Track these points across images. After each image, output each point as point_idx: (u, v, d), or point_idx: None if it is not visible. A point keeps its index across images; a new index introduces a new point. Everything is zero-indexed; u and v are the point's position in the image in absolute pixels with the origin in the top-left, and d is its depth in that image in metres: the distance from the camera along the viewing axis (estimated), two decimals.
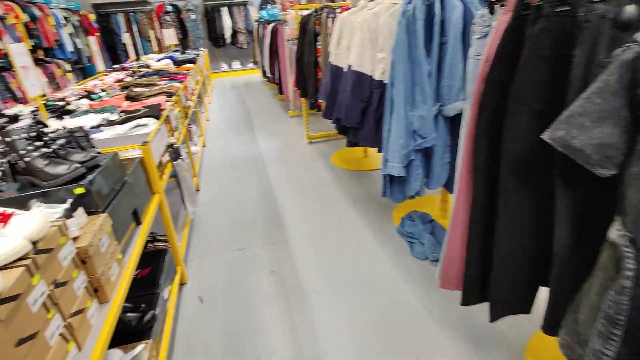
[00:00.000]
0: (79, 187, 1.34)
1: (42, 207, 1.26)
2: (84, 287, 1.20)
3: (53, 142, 1.44)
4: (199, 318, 2.13)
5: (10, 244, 0.93)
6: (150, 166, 2.04)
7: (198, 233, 2.97)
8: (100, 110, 2.80)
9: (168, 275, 2.14)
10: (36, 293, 0.96)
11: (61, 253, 1.11)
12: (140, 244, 1.67)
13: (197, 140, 4.74)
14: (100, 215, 1.39)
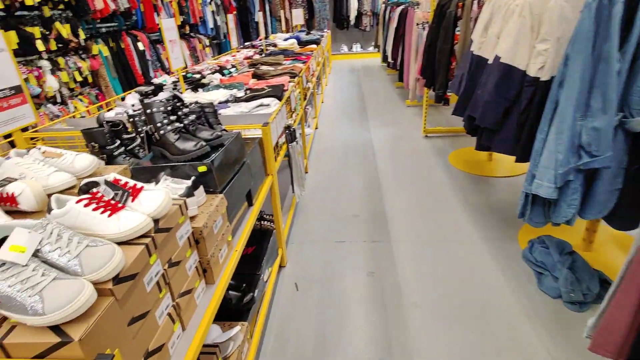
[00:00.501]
0: (202, 165, 1.35)
1: (169, 180, 1.29)
2: (194, 268, 1.21)
3: (185, 117, 1.48)
4: (293, 306, 2.10)
5: (137, 220, 0.93)
6: (268, 147, 2.03)
7: (301, 217, 2.97)
8: (229, 86, 2.93)
9: (270, 256, 2.14)
10: (152, 272, 0.96)
11: (179, 232, 1.11)
12: (249, 225, 1.67)
13: (310, 122, 4.77)
14: (217, 196, 1.38)
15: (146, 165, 1.40)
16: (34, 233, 0.78)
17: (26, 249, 0.75)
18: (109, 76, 5.05)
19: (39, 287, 0.71)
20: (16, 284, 0.70)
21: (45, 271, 0.74)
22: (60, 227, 0.82)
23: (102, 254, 0.80)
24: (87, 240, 0.82)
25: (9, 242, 0.74)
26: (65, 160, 1.27)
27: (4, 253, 0.72)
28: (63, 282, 0.73)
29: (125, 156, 1.56)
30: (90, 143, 1.50)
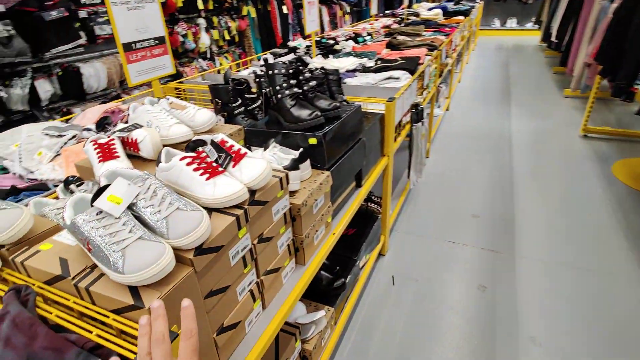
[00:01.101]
0: (313, 137, 1.24)
1: (277, 149, 1.21)
2: (286, 246, 1.13)
3: (306, 82, 1.38)
4: (384, 301, 1.94)
5: (232, 189, 0.86)
6: (389, 125, 1.83)
7: (411, 206, 2.73)
8: (360, 55, 2.76)
9: (371, 242, 2.00)
10: (239, 246, 0.90)
11: (275, 207, 1.03)
12: (354, 208, 1.53)
13: (442, 102, 4.34)
14: (323, 173, 1.27)
15: (259, 129, 1.36)
16: (132, 186, 0.76)
17: (122, 200, 0.74)
18: (252, 36, 5.35)
19: (124, 243, 0.69)
20: (105, 236, 0.69)
21: (133, 228, 0.71)
22: (158, 183, 0.80)
23: (189, 220, 0.75)
24: (178, 203, 0.77)
25: (109, 191, 0.74)
26: (187, 113, 1.29)
27: (102, 202, 0.72)
28: (146, 244, 0.69)
29: (245, 116, 1.55)
30: (215, 99, 1.52)
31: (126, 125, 1.16)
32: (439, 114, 3.96)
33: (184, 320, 0.50)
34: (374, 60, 2.58)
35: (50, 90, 3.15)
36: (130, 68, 1.35)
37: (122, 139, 1.12)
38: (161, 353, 0.47)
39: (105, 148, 1.06)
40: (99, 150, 1.06)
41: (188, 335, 0.48)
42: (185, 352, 0.48)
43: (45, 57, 3.07)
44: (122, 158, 1.05)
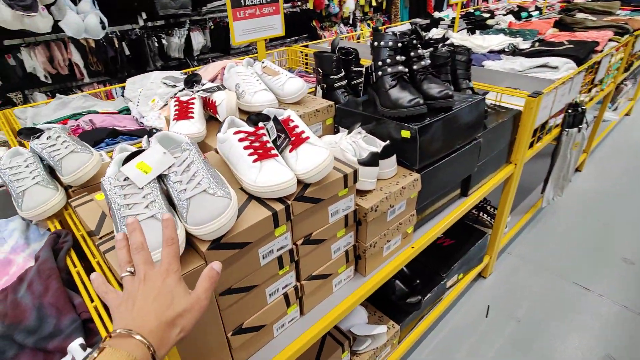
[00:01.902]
0: (407, 129, 1.01)
1: (361, 136, 1.03)
2: (343, 251, 0.96)
3: (417, 61, 1.12)
4: (470, 333, 1.63)
5: (276, 178, 0.73)
6: (525, 127, 1.44)
7: (538, 227, 2.22)
8: (515, 33, 2.25)
9: (469, 260, 1.68)
10: (274, 245, 0.77)
11: (334, 206, 0.86)
12: (450, 220, 1.26)
13: (620, 104, 3.38)
14: (411, 174, 1.04)
15: (349, 108, 1.18)
16: (168, 155, 0.69)
17: (151, 170, 0.67)
18: (401, 4, 4.99)
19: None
20: (123, 206, 0.64)
21: (151, 203, 0.64)
22: (196, 156, 0.71)
23: (211, 207, 0.64)
24: (207, 184, 0.67)
25: (140, 157, 0.68)
26: (278, 81, 1.19)
27: (129, 168, 0.66)
28: (156, 225, 0.62)
29: (345, 91, 1.38)
30: (317, 67, 1.38)
31: (212, 85, 1.11)
32: (612, 119, 3.10)
33: (164, 229, 0.50)
34: (531, 42, 2.07)
35: (202, 42, 3.47)
36: (236, 26, 1.30)
37: (204, 99, 1.09)
38: (142, 259, 0.47)
39: (184, 106, 1.03)
40: (178, 108, 1.04)
41: (169, 242, 0.49)
42: (167, 256, 0.48)
43: (202, 11, 3.36)
44: (195, 119, 1.01)
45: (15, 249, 0.85)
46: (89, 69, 2.89)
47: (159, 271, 0.47)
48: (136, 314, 0.42)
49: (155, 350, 0.40)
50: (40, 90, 2.80)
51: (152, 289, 0.45)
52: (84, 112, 1.47)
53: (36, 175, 0.86)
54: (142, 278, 0.46)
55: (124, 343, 0.39)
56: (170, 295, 0.45)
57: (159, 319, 0.42)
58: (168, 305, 0.44)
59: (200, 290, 0.48)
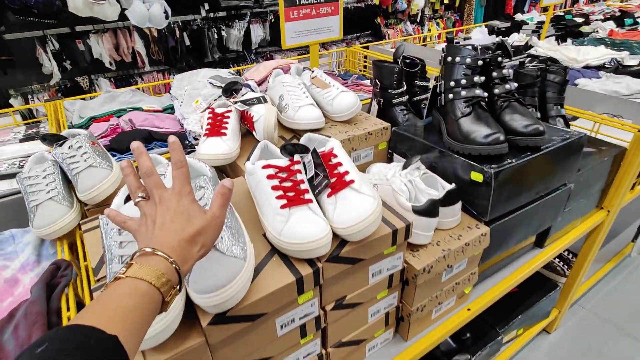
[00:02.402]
0: (479, 172, 0.80)
1: (418, 174, 0.84)
2: (383, 314, 0.79)
3: (501, 83, 0.90)
4: None
5: (307, 234, 0.58)
6: (628, 169, 1.15)
7: (620, 280, 1.87)
8: (618, 45, 1.90)
9: (533, 315, 1.43)
10: (297, 313, 0.63)
11: (376, 266, 0.70)
12: (518, 276, 1.04)
13: None
14: (479, 227, 0.83)
15: (408, 134, 0.99)
16: None
17: None
18: (476, 2, 4.58)
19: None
20: (115, 258, 0.52)
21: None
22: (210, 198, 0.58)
23: (219, 271, 0.51)
24: (220, 236, 0.54)
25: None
26: (327, 95, 1.03)
27: (129, 209, 0.54)
28: None
29: (405, 109, 1.18)
30: (375, 78, 1.20)
31: (252, 95, 0.98)
32: None
33: (172, 152, 0.48)
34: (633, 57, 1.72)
35: (261, 35, 3.40)
36: (288, 27, 1.16)
37: (241, 112, 0.96)
38: (153, 182, 0.46)
39: (217, 119, 0.91)
40: (210, 122, 0.92)
41: (179, 165, 0.48)
42: (178, 179, 0.47)
43: (264, 3, 3.28)
44: (228, 137, 0.88)
45: (25, 267, 0.78)
46: (150, 58, 2.93)
47: (173, 193, 0.46)
48: (157, 234, 0.43)
49: (179, 265, 0.41)
50: (105, 76, 2.88)
51: (168, 210, 0.45)
52: (128, 109, 1.42)
53: (52, 189, 0.78)
54: (157, 201, 0.46)
55: (148, 260, 0.40)
56: (187, 214, 0.45)
57: (179, 236, 0.43)
58: (186, 224, 0.44)
59: (215, 207, 0.47)
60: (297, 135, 1.02)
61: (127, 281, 0.38)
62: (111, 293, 0.36)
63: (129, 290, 0.37)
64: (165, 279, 0.39)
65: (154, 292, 0.38)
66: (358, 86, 1.50)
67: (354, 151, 0.99)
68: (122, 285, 0.37)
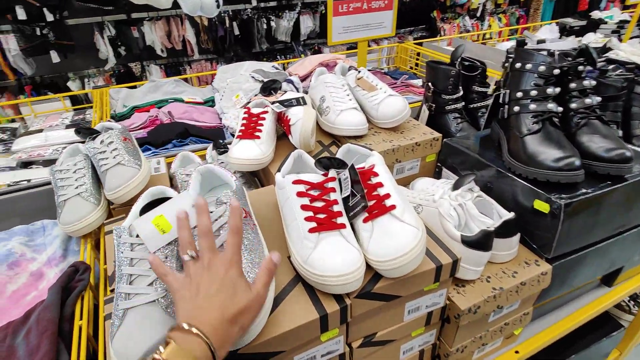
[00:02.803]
0: (545, 201, 0.68)
1: (471, 197, 0.73)
2: (417, 351, 0.71)
3: (580, 97, 0.77)
4: None
5: (335, 267, 0.50)
6: None
7: None
8: None
9: (590, 356, 1.26)
10: (319, 350, 0.55)
11: (413, 302, 0.61)
12: (581, 320, 0.90)
13: None
14: (539, 264, 0.72)
15: (462, 147, 0.88)
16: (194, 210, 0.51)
17: (171, 229, 0.50)
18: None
19: (131, 303, 0.46)
20: (124, 276, 0.48)
21: (158, 280, 0.47)
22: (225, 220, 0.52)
23: None
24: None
25: (161, 209, 0.51)
26: (373, 98, 0.94)
27: (143, 223, 0.50)
28: (150, 317, 0.45)
29: (459, 116, 1.07)
30: (428, 81, 1.09)
31: (292, 96, 0.91)
32: None
33: (230, 216, 0.47)
34: None
35: (310, 27, 3.33)
36: (336, 22, 1.07)
37: (278, 114, 0.90)
38: (207, 244, 0.45)
39: (252, 121, 0.86)
40: (245, 122, 0.86)
41: (235, 231, 0.46)
42: (232, 246, 0.45)
43: None
44: (262, 140, 0.82)
45: (51, 261, 0.77)
46: (200, 46, 2.95)
47: (223, 261, 0.44)
48: (200, 305, 0.41)
49: (216, 350, 0.38)
50: (156, 62, 2.95)
51: (215, 279, 0.43)
52: (169, 99, 1.41)
53: (80, 185, 0.76)
54: (205, 264, 0.44)
55: (186, 340, 0.38)
56: (233, 288, 0.43)
57: (223, 314, 0.40)
58: (231, 300, 0.42)
59: (260, 285, 0.45)
60: (336, 141, 0.94)
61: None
62: None
63: None
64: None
65: None
66: (407, 87, 1.38)
67: (398, 163, 0.90)
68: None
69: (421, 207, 0.74)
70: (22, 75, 2.50)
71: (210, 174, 0.63)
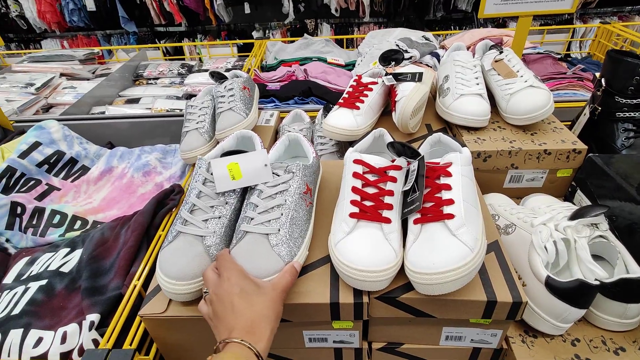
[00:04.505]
0: None
1: (588, 233, 0.56)
2: None
3: None
4: None
5: (369, 260, 0.47)
6: None
7: None
8: None
9: None
10: (329, 334, 0.54)
11: (453, 329, 0.52)
12: None
13: None
14: None
15: (604, 167, 0.66)
16: (268, 170, 0.53)
17: (241, 177, 0.54)
18: None
19: (176, 230, 0.53)
20: (187, 204, 0.54)
21: (211, 220, 0.53)
22: (296, 187, 0.53)
23: (255, 265, 0.47)
24: (277, 230, 0.49)
25: (238, 158, 0.55)
26: (508, 87, 0.79)
27: (219, 165, 0.54)
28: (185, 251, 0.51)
29: (634, 129, 0.81)
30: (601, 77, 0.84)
31: (411, 70, 0.84)
32: None
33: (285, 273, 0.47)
34: None
35: None
36: None
37: (389, 87, 0.83)
38: (211, 282, 0.46)
39: (358, 90, 0.82)
40: (352, 90, 0.83)
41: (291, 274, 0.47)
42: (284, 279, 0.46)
43: None
44: (361, 111, 0.79)
45: (171, 178, 0.94)
46: (372, 9, 2.93)
47: (225, 286, 0.44)
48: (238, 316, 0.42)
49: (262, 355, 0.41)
50: (328, 21, 3.08)
51: (230, 294, 0.44)
52: (314, 58, 1.46)
53: (201, 121, 0.88)
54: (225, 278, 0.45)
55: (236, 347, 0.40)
56: (248, 297, 0.44)
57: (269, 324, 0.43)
58: (260, 307, 0.43)
59: (276, 291, 0.45)
60: (448, 128, 0.83)
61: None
62: None
63: None
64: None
65: None
66: (581, 80, 1.09)
67: (514, 169, 0.74)
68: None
69: (513, 228, 0.61)
70: (222, 21, 2.97)
71: (296, 142, 0.65)
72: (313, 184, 0.59)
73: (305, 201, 0.54)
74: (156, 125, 1.12)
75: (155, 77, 1.54)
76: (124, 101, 1.36)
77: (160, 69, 1.56)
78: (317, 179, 0.63)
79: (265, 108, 1.08)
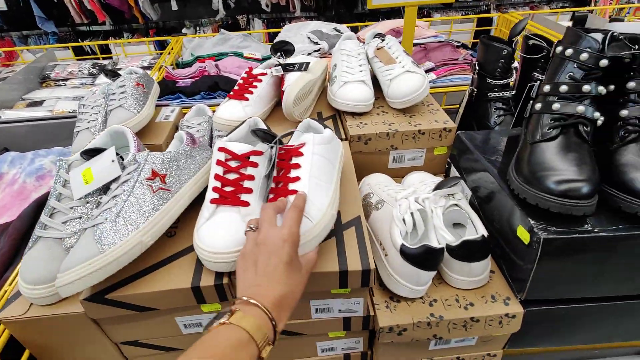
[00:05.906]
0: (526, 228, 0.53)
1: (443, 204, 0.61)
2: (340, 354, 0.65)
3: (636, 101, 0.55)
4: None
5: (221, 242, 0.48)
6: None
7: None
8: None
9: None
10: (202, 318, 0.55)
11: (320, 301, 0.55)
12: None
13: None
14: (510, 302, 0.58)
15: (467, 144, 0.72)
16: (116, 165, 0.53)
17: (92, 180, 0.54)
18: None
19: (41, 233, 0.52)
20: (48, 208, 0.53)
21: (70, 222, 0.52)
22: (143, 175, 0.53)
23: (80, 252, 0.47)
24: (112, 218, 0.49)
25: (91, 162, 0.55)
26: (388, 73, 0.83)
27: (76, 172, 0.54)
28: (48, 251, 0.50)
29: (504, 107, 0.89)
30: (477, 60, 0.92)
31: (298, 60, 0.86)
32: None
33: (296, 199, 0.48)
34: None
35: None
36: None
37: (280, 78, 0.86)
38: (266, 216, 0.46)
39: (248, 81, 0.84)
40: (243, 82, 0.85)
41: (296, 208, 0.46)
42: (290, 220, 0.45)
43: None
44: (250, 102, 0.81)
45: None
46: (302, 4, 2.95)
47: (279, 236, 0.43)
48: (259, 282, 0.41)
49: (277, 323, 0.40)
50: (260, 17, 3.06)
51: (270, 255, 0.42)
52: (230, 53, 1.46)
53: (92, 120, 0.86)
54: (261, 239, 0.43)
55: (251, 310, 0.39)
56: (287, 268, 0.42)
57: (279, 293, 0.41)
58: (286, 280, 0.42)
59: (305, 270, 0.45)
60: (338, 115, 0.87)
61: (231, 329, 0.37)
62: (216, 339, 0.36)
63: (232, 342, 0.36)
64: (264, 334, 0.38)
65: (253, 346, 0.37)
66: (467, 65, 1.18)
67: (394, 150, 0.79)
68: (226, 333, 0.37)
69: (383, 204, 0.65)
70: (149, 19, 2.86)
71: (120, 135, 0.62)
72: (166, 170, 0.56)
73: (150, 187, 0.53)
74: (57, 127, 1.07)
75: (64, 79, 1.47)
76: (26, 104, 1.28)
77: (69, 69, 1.49)
78: (179, 166, 0.60)
79: (171, 104, 1.07)
